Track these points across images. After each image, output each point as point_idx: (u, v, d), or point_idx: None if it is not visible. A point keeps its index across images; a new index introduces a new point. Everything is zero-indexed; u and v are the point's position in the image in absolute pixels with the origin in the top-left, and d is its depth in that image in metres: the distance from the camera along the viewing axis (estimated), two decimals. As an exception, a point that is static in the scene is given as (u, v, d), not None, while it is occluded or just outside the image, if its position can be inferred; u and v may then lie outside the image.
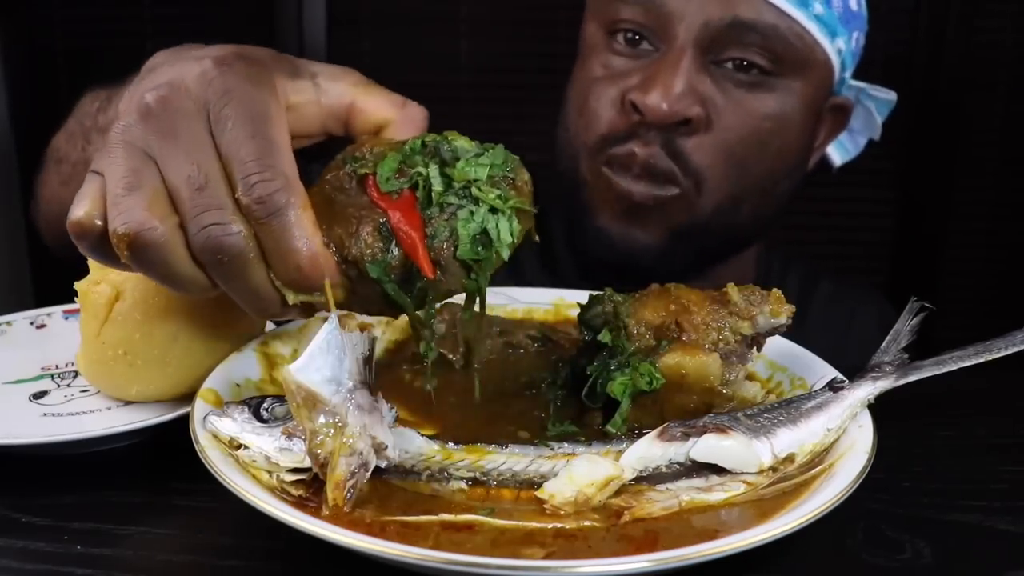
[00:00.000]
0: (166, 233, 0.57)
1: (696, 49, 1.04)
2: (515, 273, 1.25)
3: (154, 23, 2.76)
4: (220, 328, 0.73)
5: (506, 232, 0.61)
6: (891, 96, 1.24)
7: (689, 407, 0.69)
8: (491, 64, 2.68)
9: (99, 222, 0.59)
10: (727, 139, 1.06)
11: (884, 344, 0.75)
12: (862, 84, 1.22)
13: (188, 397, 0.69)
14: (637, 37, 1.08)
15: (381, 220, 0.60)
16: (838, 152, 1.29)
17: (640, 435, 0.65)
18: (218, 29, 2.78)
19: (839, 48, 1.09)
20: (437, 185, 0.61)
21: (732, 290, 0.73)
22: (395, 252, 0.60)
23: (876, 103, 1.24)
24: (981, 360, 0.73)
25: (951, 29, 2.60)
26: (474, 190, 0.61)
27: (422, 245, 0.60)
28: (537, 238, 0.66)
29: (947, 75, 2.63)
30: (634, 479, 0.63)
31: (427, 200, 0.61)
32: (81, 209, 0.59)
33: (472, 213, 0.61)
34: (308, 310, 0.62)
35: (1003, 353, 0.73)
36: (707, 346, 0.71)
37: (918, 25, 2.62)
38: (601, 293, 0.76)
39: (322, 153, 0.67)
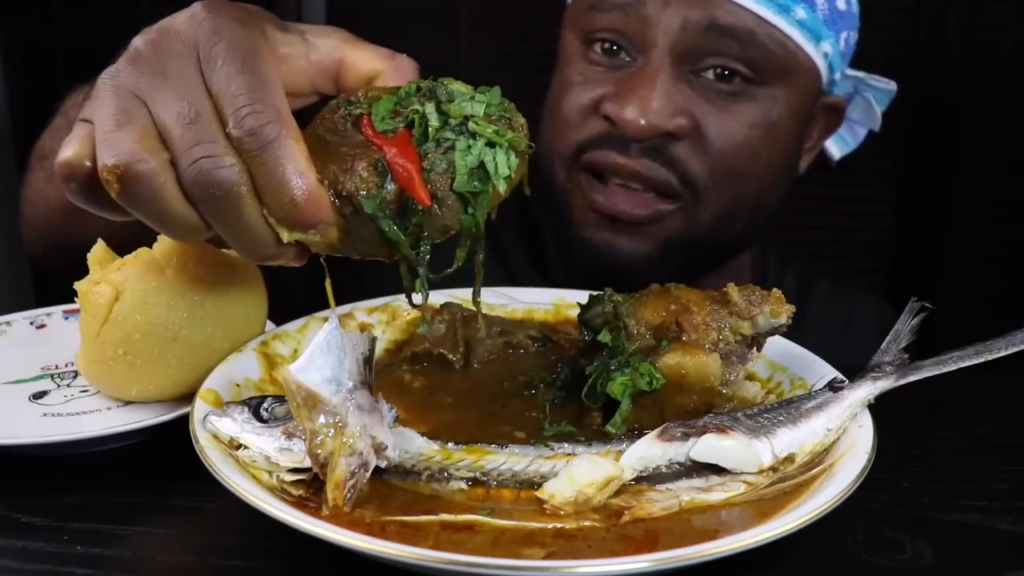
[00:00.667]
0: (157, 166, 0.56)
1: (673, 58, 1.02)
2: (499, 252, 1.24)
3: (154, 23, 2.76)
4: (219, 329, 0.73)
5: (504, 165, 0.61)
6: (891, 86, 1.22)
7: (689, 407, 0.69)
8: (491, 64, 2.68)
9: (88, 162, 0.58)
10: (719, 147, 1.04)
11: (884, 344, 0.75)
12: (861, 74, 1.21)
13: (188, 397, 0.69)
14: (615, 47, 1.06)
15: (376, 156, 0.60)
16: (837, 145, 1.28)
17: (640, 435, 0.65)
18: (218, 29, 2.78)
19: (825, 52, 1.08)
20: (434, 121, 0.61)
21: (732, 290, 0.73)
22: (390, 187, 0.60)
23: (876, 93, 1.22)
24: (981, 360, 0.73)
25: (951, 29, 2.60)
26: (471, 124, 0.61)
27: (418, 176, 0.60)
28: (528, 191, 0.65)
29: (947, 75, 2.63)
30: (634, 479, 0.63)
31: (423, 136, 0.61)
32: (70, 150, 0.58)
33: (469, 146, 0.61)
34: (302, 253, 0.62)
35: (1003, 353, 0.73)
36: (707, 346, 0.71)
37: (918, 25, 2.62)
38: (601, 293, 0.75)
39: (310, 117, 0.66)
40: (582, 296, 0.80)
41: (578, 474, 0.61)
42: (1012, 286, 2.69)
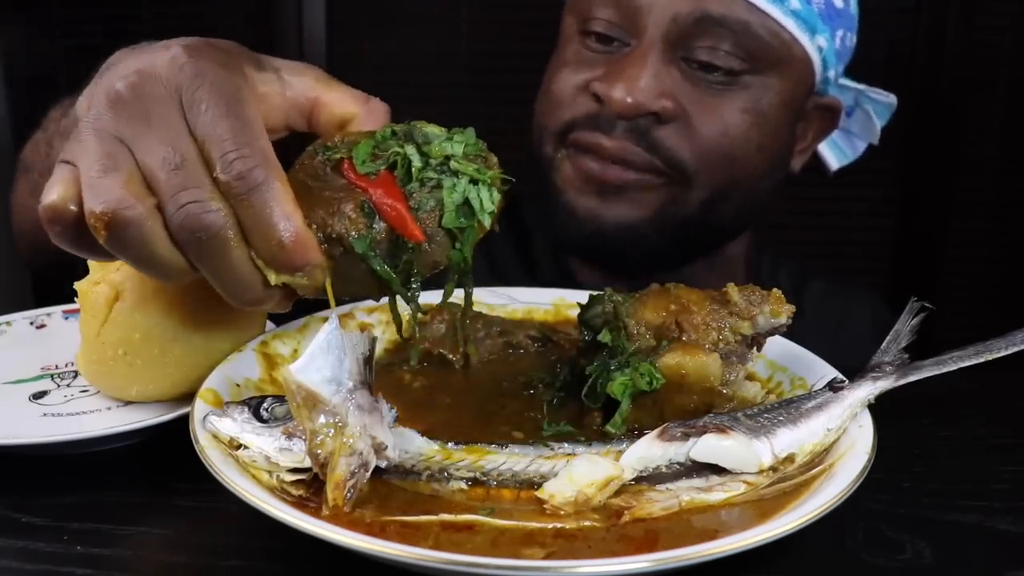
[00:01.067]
0: (144, 212, 0.56)
1: (665, 44, 1.03)
2: (488, 255, 1.24)
3: (154, 23, 2.76)
4: (219, 329, 0.73)
5: (488, 201, 0.64)
6: (891, 100, 1.23)
7: (689, 407, 0.69)
8: (491, 64, 2.68)
9: (73, 207, 0.58)
10: (707, 133, 1.05)
11: (884, 344, 0.75)
12: (861, 86, 1.21)
13: (188, 397, 0.69)
14: (609, 36, 1.08)
15: (362, 198, 0.62)
16: (835, 156, 1.28)
17: (640, 435, 0.65)
18: (218, 29, 2.78)
19: (820, 45, 1.08)
20: (416, 161, 0.63)
21: (732, 290, 0.73)
22: (379, 226, 0.61)
23: (876, 107, 1.23)
24: (981, 360, 0.73)
25: (951, 29, 2.60)
26: (452, 163, 0.64)
27: (409, 214, 0.61)
28: (497, 228, 0.67)
29: (947, 75, 2.63)
30: (634, 479, 0.63)
31: (407, 177, 0.63)
32: (55, 194, 0.58)
33: (454, 184, 0.63)
34: (290, 295, 0.62)
35: (1003, 353, 0.73)
36: (707, 346, 0.71)
37: (918, 25, 2.62)
38: (601, 293, 0.76)
39: (283, 152, 0.67)
40: (582, 296, 0.80)
41: (578, 474, 0.61)
42: (1012, 286, 2.69)
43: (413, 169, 0.63)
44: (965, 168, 2.70)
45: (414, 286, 0.64)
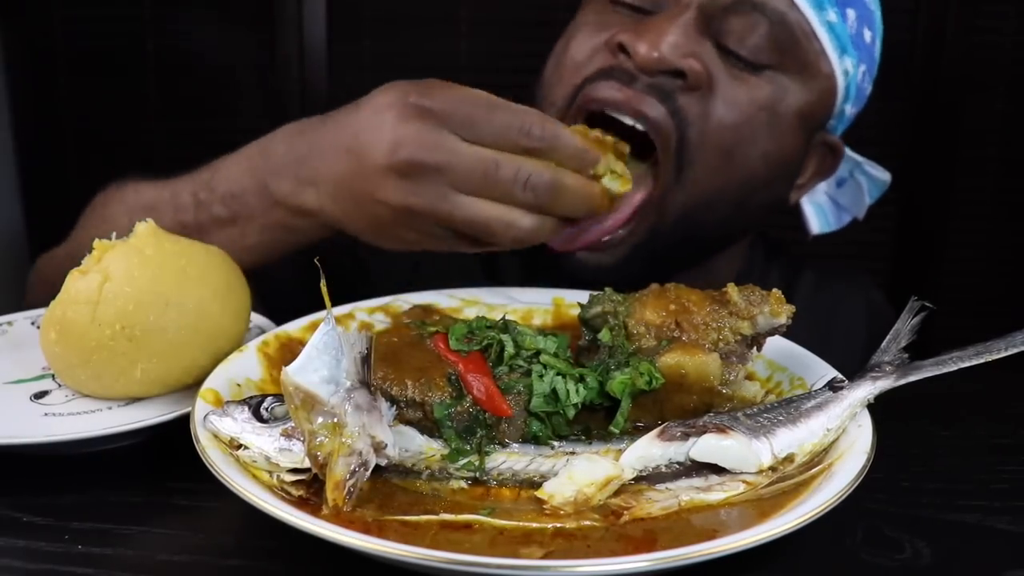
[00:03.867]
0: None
1: (699, 14, 0.98)
2: (487, 258, 1.16)
3: (154, 23, 2.76)
4: (208, 289, 0.75)
5: (574, 393, 0.69)
6: (886, 176, 1.19)
7: (689, 407, 0.69)
8: (491, 64, 2.68)
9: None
10: (722, 115, 0.98)
11: (884, 344, 0.75)
12: (860, 158, 1.18)
13: (191, 386, 0.70)
14: (641, 8, 1.03)
15: (450, 370, 0.68)
16: (818, 220, 1.23)
17: (640, 435, 0.66)
18: (218, 29, 2.78)
19: (846, 69, 1.05)
20: (510, 348, 0.70)
21: (732, 290, 0.73)
22: (466, 401, 0.66)
23: (869, 182, 1.19)
24: (981, 361, 0.72)
25: (951, 29, 2.60)
26: (543, 357, 0.70)
27: (497, 391, 0.67)
28: None
29: (947, 75, 2.63)
30: (634, 479, 0.63)
31: (497, 360, 0.70)
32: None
33: (542, 374, 0.69)
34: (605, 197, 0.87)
35: (1003, 354, 0.73)
36: (707, 346, 0.71)
37: (918, 25, 2.62)
38: (601, 293, 0.76)
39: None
40: (582, 296, 0.80)
41: (578, 474, 0.61)
42: (1012, 286, 2.69)
43: (505, 354, 0.70)
44: (965, 168, 2.70)
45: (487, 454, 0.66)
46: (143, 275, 0.73)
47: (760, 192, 1.05)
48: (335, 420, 0.58)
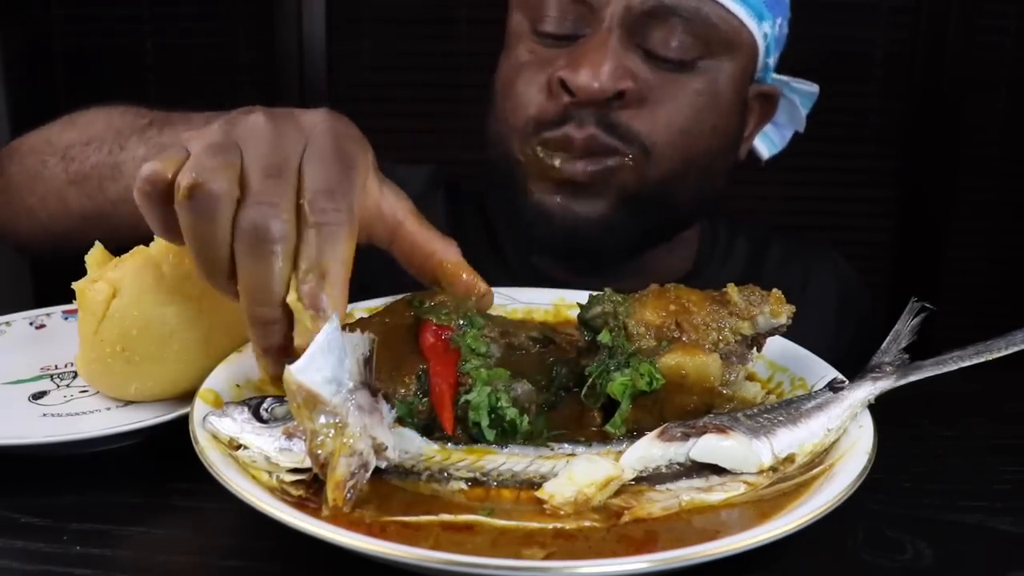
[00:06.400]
0: (224, 192, 0.61)
1: (622, 31, 1.05)
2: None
3: (154, 23, 2.76)
4: (216, 325, 0.74)
5: (514, 415, 0.66)
6: (813, 88, 1.25)
7: (689, 407, 0.69)
8: (491, 64, 2.68)
9: (170, 175, 0.63)
10: (665, 111, 1.06)
11: (884, 344, 0.75)
12: (785, 78, 1.24)
13: (187, 396, 0.69)
14: (564, 29, 1.08)
15: (421, 367, 0.67)
16: (765, 145, 1.30)
17: (640, 435, 0.65)
18: (218, 29, 2.78)
19: (765, 32, 1.11)
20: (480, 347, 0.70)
21: (732, 290, 0.73)
22: (425, 402, 0.66)
23: (800, 96, 1.25)
24: (982, 360, 0.73)
25: (951, 29, 2.60)
26: (479, 371, 0.68)
27: (448, 403, 0.65)
28: None
29: (947, 75, 2.63)
30: (634, 479, 0.63)
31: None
32: (160, 163, 0.64)
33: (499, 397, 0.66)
34: (287, 336, 0.63)
35: (1003, 353, 0.73)
36: (707, 346, 0.71)
37: (918, 25, 2.62)
38: (601, 293, 0.76)
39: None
40: (582, 296, 0.80)
41: (578, 474, 0.61)
42: (1013, 286, 2.69)
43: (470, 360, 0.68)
44: (966, 168, 2.70)
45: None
46: (154, 299, 0.71)
47: (718, 159, 1.14)
48: (337, 420, 0.58)
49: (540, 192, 1.09)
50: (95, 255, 0.75)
